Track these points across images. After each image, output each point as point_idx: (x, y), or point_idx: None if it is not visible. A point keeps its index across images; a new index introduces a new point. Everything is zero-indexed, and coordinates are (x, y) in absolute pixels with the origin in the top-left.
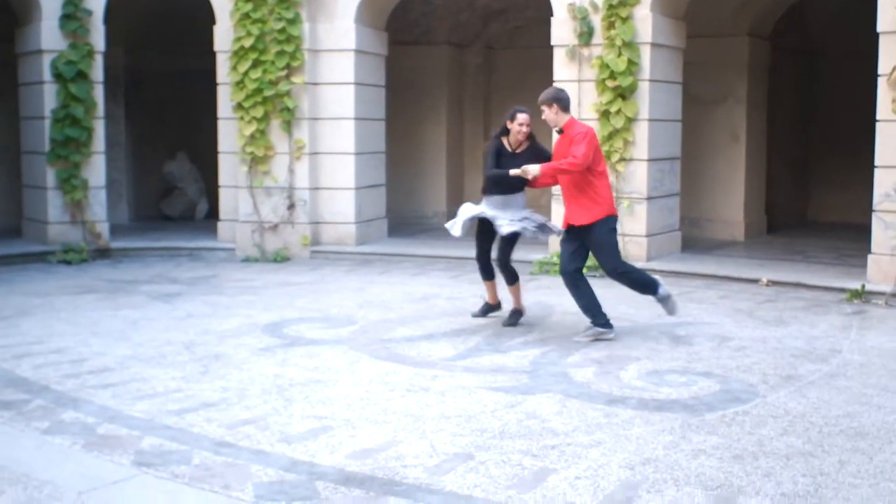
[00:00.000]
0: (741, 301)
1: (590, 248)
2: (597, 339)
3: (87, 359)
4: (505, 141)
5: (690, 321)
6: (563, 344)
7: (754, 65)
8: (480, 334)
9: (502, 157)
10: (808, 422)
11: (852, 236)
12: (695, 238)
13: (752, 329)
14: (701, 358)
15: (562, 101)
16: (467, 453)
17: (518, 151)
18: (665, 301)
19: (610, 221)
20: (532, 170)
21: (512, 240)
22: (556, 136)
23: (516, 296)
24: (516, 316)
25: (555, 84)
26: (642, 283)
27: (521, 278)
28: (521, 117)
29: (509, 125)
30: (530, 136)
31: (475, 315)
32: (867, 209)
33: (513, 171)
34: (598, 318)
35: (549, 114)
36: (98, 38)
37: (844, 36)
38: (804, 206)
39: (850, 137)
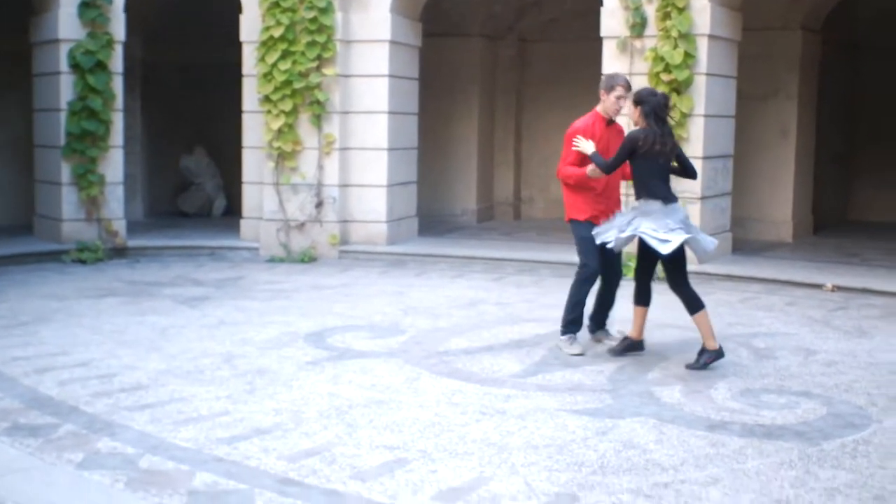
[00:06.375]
0: (811, 308)
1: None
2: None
3: (118, 374)
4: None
5: (765, 331)
6: (637, 357)
7: (805, 59)
8: (544, 346)
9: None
10: None
11: None
12: (740, 239)
13: (836, 341)
14: (792, 375)
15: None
16: (570, 493)
17: None
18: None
19: None
20: None
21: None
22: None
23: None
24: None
25: None
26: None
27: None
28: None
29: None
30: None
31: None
32: None
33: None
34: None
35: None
36: (118, 27)
37: (893, 30)
38: (845, 205)
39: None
